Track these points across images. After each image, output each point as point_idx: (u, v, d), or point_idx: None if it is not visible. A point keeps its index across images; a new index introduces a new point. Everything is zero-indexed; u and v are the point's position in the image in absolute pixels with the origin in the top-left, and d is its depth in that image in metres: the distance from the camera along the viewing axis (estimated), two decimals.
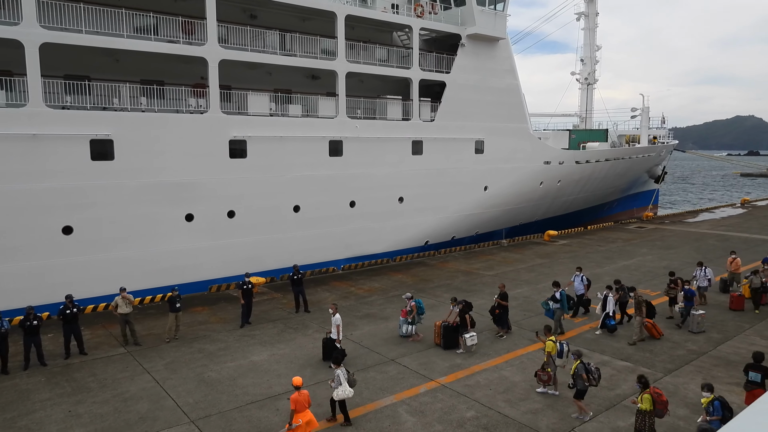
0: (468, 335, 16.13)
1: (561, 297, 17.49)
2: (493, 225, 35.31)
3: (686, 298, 18.51)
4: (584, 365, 11.95)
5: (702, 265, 21.01)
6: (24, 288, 19.09)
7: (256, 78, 26.19)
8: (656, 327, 17.35)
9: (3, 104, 18.73)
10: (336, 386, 11.72)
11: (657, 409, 10.49)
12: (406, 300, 17.31)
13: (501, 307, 17.61)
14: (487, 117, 32.62)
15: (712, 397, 10.36)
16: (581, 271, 20.09)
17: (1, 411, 12.73)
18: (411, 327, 17.18)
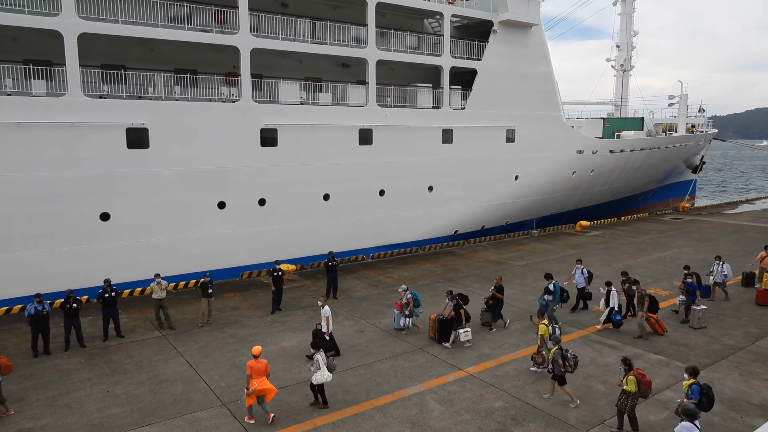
0: (462, 331, 15.69)
1: (554, 289, 17.17)
2: (523, 215, 34.90)
3: (688, 292, 17.99)
4: (561, 351, 12.25)
5: (720, 260, 20.22)
6: (64, 272, 19.72)
7: (287, 66, 26.33)
8: (659, 322, 16.77)
9: (43, 94, 19.27)
10: (315, 370, 12.02)
11: (641, 389, 10.87)
12: (402, 292, 16.93)
13: (495, 299, 17.24)
14: (519, 105, 32.14)
15: (691, 381, 10.63)
16: (582, 264, 19.50)
17: (43, 389, 13.25)
18: (408, 320, 16.84)
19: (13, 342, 16.35)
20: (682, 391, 11.23)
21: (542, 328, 13.89)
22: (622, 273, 18.72)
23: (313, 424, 11.64)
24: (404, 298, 16.79)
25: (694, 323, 17.42)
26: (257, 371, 11.61)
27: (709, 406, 10.59)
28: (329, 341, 14.78)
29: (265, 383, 11.63)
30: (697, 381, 10.72)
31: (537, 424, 11.65)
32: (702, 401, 10.41)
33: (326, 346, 14.23)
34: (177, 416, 11.97)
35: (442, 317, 16.14)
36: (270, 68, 24.97)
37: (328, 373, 12.04)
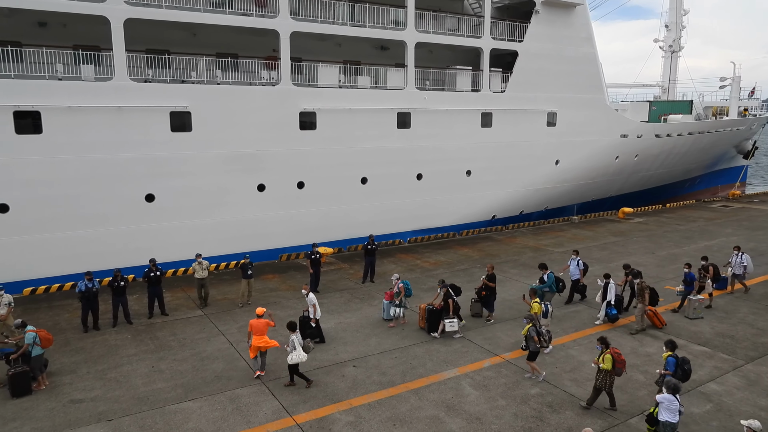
0: (448, 321, 15.21)
1: (548, 279, 16.73)
2: (563, 200, 34.25)
3: (685, 282, 17.39)
4: (535, 328, 12.73)
5: (739, 251, 19.31)
6: (112, 251, 20.47)
7: (326, 50, 26.35)
8: (658, 315, 16.21)
9: (92, 78, 19.85)
10: (290, 351, 12.35)
11: (616, 368, 11.27)
12: (393, 281, 16.52)
13: (488, 289, 16.78)
14: (561, 88, 31.37)
15: (668, 354, 11.28)
16: (578, 255, 18.76)
17: (93, 363, 13.86)
18: (398, 310, 16.34)
19: (65, 317, 17.13)
20: (720, 380, 12.05)
21: (535, 307, 14.34)
22: (624, 266, 17.97)
23: (349, 404, 11.84)
24: (395, 287, 16.28)
25: (690, 313, 16.85)
26: (257, 329, 12.83)
27: (684, 378, 11.09)
28: (315, 328, 14.81)
29: (264, 339, 12.81)
30: (675, 354, 11.31)
31: (574, 412, 11.54)
32: (677, 372, 11.05)
33: (313, 333, 14.61)
34: (218, 392, 12.35)
35: (431, 307, 15.71)
36: (309, 52, 25.05)
37: (303, 353, 12.43)
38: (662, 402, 9.67)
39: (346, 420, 11.24)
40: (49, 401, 11.96)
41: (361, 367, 13.61)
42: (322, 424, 11.11)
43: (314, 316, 14.87)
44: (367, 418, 11.33)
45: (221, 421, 11.20)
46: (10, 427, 10.95)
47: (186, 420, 11.24)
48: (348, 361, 13.94)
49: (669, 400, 9.63)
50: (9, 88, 18.23)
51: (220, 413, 11.49)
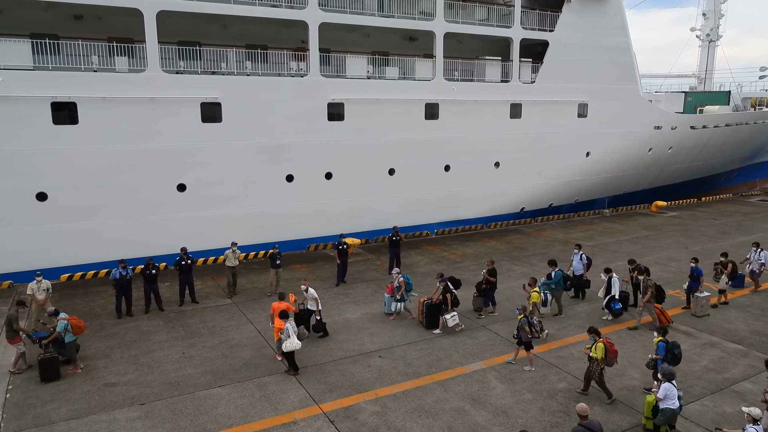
0: (449, 316, 14.97)
1: (555, 277, 16.33)
2: (594, 193, 33.67)
3: (691, 278, 16.85)
4: (527, 318, 12.84)
5: (758, 246, 18.60)
6: (145, 240, 20.93)
7: (355, 40, 26.33)
8: (665, 313, 15.69)
9: (125, 70, 20.24)
10: (285, 338, 12.48)
11: (608, 357, 11.35)
12: (394, 275, 16.35)
13: (488, 283, 16.49)
14: (593, 78, 30.75)
15: (659, 339, 11.55)
16: (580, 249, 18.27)
17: (126, 348, 14.24)
18: (399, 304, 16.10)
19: (100, 303, 17.62)
20: (754, 379, 12.00)
21: (534, 296, 14.72)
22: (629, 261, 17.51)
23: (374, 394, 11.92)
24: (396, 281, 16.04)
25: (698, 311, 16.37)
26: (279, 311, 13.02)
27: (674, 362, 11.33)
28: (319, 322, 14.81)
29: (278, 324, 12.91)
30: (665, 339, 11.53)
31: (602, 408, 11.40)
32: (667, 357, 11.32)
33: (317, 326, 14.71)
34: (246, 380, 12.57)
35: (430, 301, 15.46)
36: (337, 42, 25.06)
37: (297, 341, 12.55)
38: (662, 393, 9.78)
39: (371, 410, 11.32)
40: (84, 384, 12.34)
41: (386, 358, 13.68)
42: (347, 413, 11.22)
43: (318, 308, 14.87)
44: (392, 408, 11.39)
45: (249, 407, 11.41)
46: (48, 408, 11.35)
47: (215, 406, 11.47)
48: (374, 352, 14.03)
49: (667, 388, 9.75)
50: (47, 79, 18.73)
51: (248, 400, 11.70)
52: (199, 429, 10.64)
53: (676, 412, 9.76)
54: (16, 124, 18.48)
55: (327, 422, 10.89)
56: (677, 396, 9.81)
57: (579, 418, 8.97)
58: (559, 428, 10.72)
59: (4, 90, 18.08)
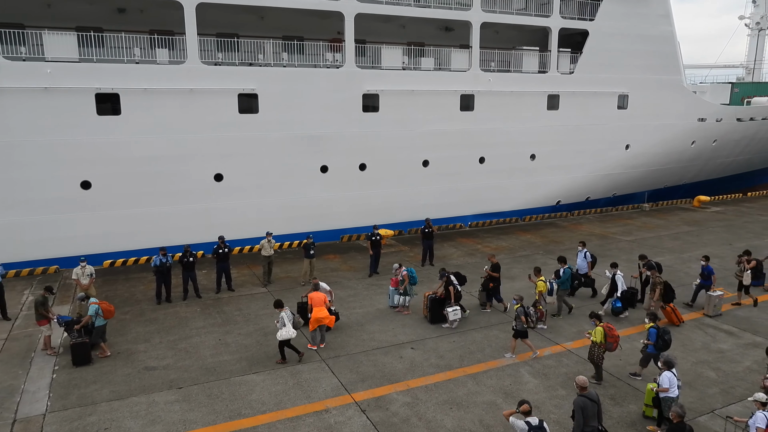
0: (450, 309, 14.84)
1: (564, 275, 15.88)
2: (633, 187, 32.85)
3: (702, 276, 16.28)
4: (523, 308, 13.03)
5: None
6: (183, 228, 21.43)
7: (390, 31, 26.24)
8: (676, 311, 15.21)
9: (166, 61, 20.67)
10: (280, 327, 12.66)
11: (608, 342, 11.70)
12: (395, 269, 16.16)
13: (493, 280, 16.16)
14: (634, 69, 29.89)
15: (650, 325, 11.89)
16: (585, 247, 17.71)
17: (165, 333, 14.66)
18: (403, 298, 16.00)
19: (140, 289, 18.16)
20: None
21: (540, 285, 14.78)
22: (640, 257, 17.02)
23: (406, 385, 11.98)
24: (399, 275, 15.93)
25: (710, 311, 15.81)
26: (317, 301, 13.45)
27: (665, 347, 11.69)
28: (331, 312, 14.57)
29: (324, 312, 13.40)
30: (656, 325, 11.88)
31: (638, 406, 11.19)
32: (658, 342, 11.69)
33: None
34: (280, 367, 12.79)
35: (434, 296, 15.32)
36: (373, 33, 25.02)
37: (292, 330, 12.72)
38: (666, 383, 9.94)
39: (403, 401, 11.39)
40: (125, 367, 12.77)
41: (418, 350, 13.71)
42: (379, 403, 11.31)
43: (329, 300, 14.82)
44: (423, 399, 11.43)
45: (282, 394, 11.61)
46: (91, 389, 11.80)
47: (250, 392, 11.72)
48: (406, 343, 14.08)
49: (669, 377, 9.93)
50: (91, 71, 19.28)
51: (281, 387, 11.91)
52: (234, 414, 10.89)
53: (676, 401, 9.81)
54: (63, 115, 19.11)
55: (358, 411, 11.00)
56: (677, 385, 10.02)
57: (579, 389, 9.21)
58: None
59: (52, 81, 18.70)
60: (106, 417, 10.77)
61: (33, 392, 11.70)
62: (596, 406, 9.06)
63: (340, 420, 10.70)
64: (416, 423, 10.62)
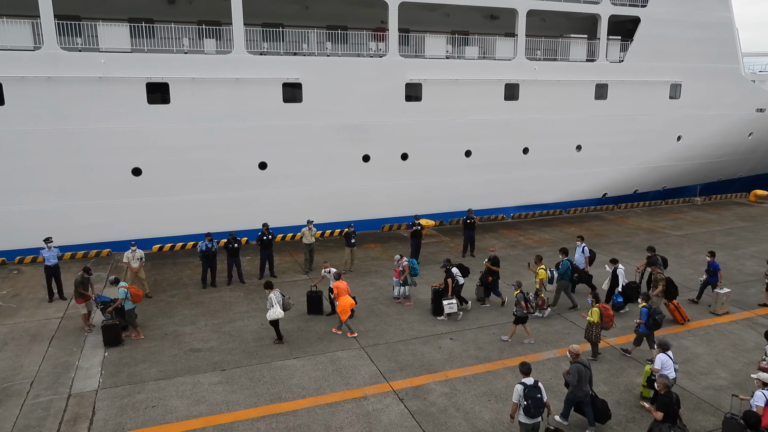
0: (447, 302, 14.62)
1: (562, 266, 15.40)
2: (684, 180, 31.69)
3: (708, 272, 15.74)
4: (523, 294, 13.32)
5: None
6: (228, 214, 21.93)
7: (434, 20, 25.99)
8: (680, 309, 14.58)
9: (213, 51, 21.10)
10: (269, 307, 13.03)
11: (603, 321, 12.26)
12: (396, 260, 15.94)
13: (492, 273, 15.73)
14: (688, 57, 28.69)
15: (643, 305, 12.50)
16: (583, 241, 17.11)
17: (210, 317, 15.09)
18: (403, 288, 15.90)
19: (187, 273, 18.73)
20: None
21: (541, 273, 14.98)
22: (648, 249, 16.42)
23: (444, 375, 11.99)
24: (400, 266, 15.78)
25: (717, 308, 15.22)
26: (343, 290, 13.84)
27: (654, 327, 12.35)
28: None
29: (350, 299, 13.77)
30: (648, 305, 12.48)
31: (686, 407, 10.84)
32: (648, 322, 12.25)
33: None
34: (320, 353, 13.00)
35: (437, 288, 15.18)
36: (417, 22, 24.84)
37: (280, 310, 13.04)
38: (658, 364, 10.13)
39: (441, 391, 11.40)
40: (172, 348, 13.23)
41: (458, 341, 13.69)
42: (417, 392, 11.36)
43: None
44: (462, 390, 11.42)
45: (322, 380, 11.81)
46: (140, 368, 12.28)
47: (290, 376, 11.96)
48: (445, 334, 14.07)
49: (663, 359, 10.16)
50: (142, 61, 19.87)
51: (321, 373, 12.10)
52: (274, 397, 11.15)
53: (672, 382, 9.78)
54: (115, 104, 19.78)
55: (396, 400, 11.08)
56: (673, 368, 10.20)
57: (573, 357, 9.93)
58: (635, 423, 10.37)
59: (105, 71, 19.37)
60: (153, 395, 11.21)
61: (86, 369, 12.27)
62: (588, 371, 9.99)
63: (378, 407, 10.81)
64: (454, 414, 10.63)
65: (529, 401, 8.82)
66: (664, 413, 8.68)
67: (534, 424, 8.96)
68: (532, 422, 8.93)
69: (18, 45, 18.55)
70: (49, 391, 11.35)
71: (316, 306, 15.26)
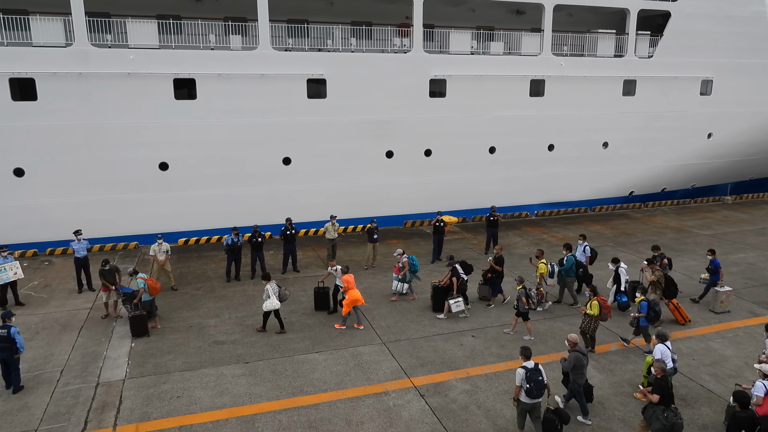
0: (453, 301, 14.48)
1: (566, 262, 15.20)
2: (714, 178, 30.96)
3: (709, 271, 15.37)
4: (525, 290, 13.41)
5: None
6: (252, 209, 22.13)
7: (459, 15, 25.81)
8: (680, 310, 14.24)
9: (239, 47, 21.29)
10: (265, 299, 13.37)
11: (602, 313, 12.44)
12: (397, 255, 15.87)
13: (494, 272, 15.49)
14: (720, 52, 27.97)
15: (641, 298, 12.75)
16: (585, 240, 16.78)
17: (234, 310, 15.28)
18: (403, 285, 15.82)
19: (212, 267, 19.00)
20: None
21: (542, 267, 15.22)
22: (653, 248, 16.14)
23: (466, 373, 11.95)
24: (400, 262, 15.73)
25: (716, 307, 14.91)
26: (352, 283, 14.00)
27: (655, 319, 12.86)
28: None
29: (358, 293, 13.95)
30: (646, 298, 12.78)
31: (711, 409, 10.66)
32: (649, 314, 12.64)
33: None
34: (342, 348, 13.07)
35: (438, 284, 15.10)
36: (442, 18, 24.71)
37: (276, 301, 13.41)
38: (657, 354, 10.24)
39: (462, 388, 11.37)
40: (197, 340, 13.44)
41: (480, 338, 13.63)
42: (438, 389, 11.35)
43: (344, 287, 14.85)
44: (483, 388, 11.37)
45: (344, 374, 11.87)
46: (166, 359, 12.51)
47: (312, 370, 12.06)
48: (467, 331, 14.02)
49: (662, 350, 10.29)
50: (170, 57, 20.15)
51: (342, 367, 12.17)
52: (296, 390, 11.25)
53: (671, 372, 10.06)
54: (143, 99, 20.11)
55: (417, 396, 11.09)
56: (672, 358, 10.35)
57: (571, 346, 10.16)
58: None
59: (134, 67, 19.70)
60: (178, 386, 11.41)
61: (114, 359, 12.55)
62: (586, 358, 10.34)
63: (399, 403, 10.83)
64: (475, 411, 10.60)
65: (531, 384, 9.27)
66: (659, 396, 8.96)
67: (534, 404, 9.45)
68: (531, 402, 9.42)
69: (50, 41, 18.99)
70: (78, 380, 11.64)
71: (324, 302, 15.30)
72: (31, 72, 18.76)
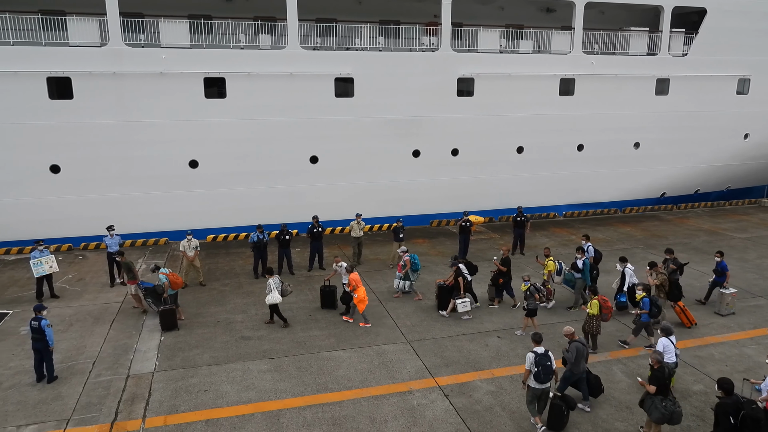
0: (460, 301, 14.38)
1: (584, 266, 14.92)
2: (751, 180, 30.08)
3: (716, 272, 15.04)
4: (534, 286, 13.61)
5: None
6: (279, 207, 22.36)
7: (488, 13, 25.60)
8: (687, 312, 13.86)
9: (268, 47, 21.51)
10: (268, 293, 13.63)
11: (603, 313, 12.52)
12: (400, 254, 15.82)
13: (502, 275, 15.23)
14: (759, 50, 27.14)
15: (643, 295, 12.75)
16: (588, 241, 16.46)
17: (261, 306, 15.40)
18: (403, 283, 15.81)
19: (239, 263, 19.24)
20: None
21: (550, 264, 15.31)
22: (666, 251, 15.65)
23: (491, 373, 11.87)
24: (402, 260, 15.66)
25: (722, 309, 14.60)
26: (359, 282, 14.13)
27: (658, 314, 12.88)
28: (348, 294, 14.47)
29: (363, 291, 14.06)
30: (647, 294, 12.80)
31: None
32: (652, 310, 12.71)
33: (345, 297, 14.69)
34: (366, 346, 13.11)
35: (443, 283, 15.01)
36: (470, 16, 24.54)
37: (278, 295, 13.67)
38: (660, 348, 10.25)
39: (486, 389, 11.30)
40: (224, 335, 13.64)
41: (505, 339, 13.51)
42: (462, 389, 11.29)
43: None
44: (508, 389, 11.28)
45: (368, 372, 11.91)
46: (194, 353, 12.73)
47: (337, 367, 12.12)
48: (492, 332, 13.91)
49: (665, 344, 10.35)
50: (201, 56, 20.47)
51: (367, 365, 12.21)
52: (321, 387, 11.33)
53: (671, 367, 10.12)
54: (174, 98, 20.48)
55: (441, 396, 11.06)
56: (674, 352, 10.44)
57: (569, 337, 10.35)
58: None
59: (166, 66, 20.08)
60: (206, 380, 11.60)
61: (144, 351, 12.82)
62: (586, 349, 10.52)
63: (423, 402, 10.82)
64: (499, 413, 10.51)
65: (539, 368, 9.53)
66: (656, 386, 9.10)
67: (543, 389, 9.70)
68: (541, 387, 9.66)
69: (86, 41, 19.48)
70: (109, 371, 11.93)
71: (330, 300, 15.33)
72: (67, 71, 19.29)
